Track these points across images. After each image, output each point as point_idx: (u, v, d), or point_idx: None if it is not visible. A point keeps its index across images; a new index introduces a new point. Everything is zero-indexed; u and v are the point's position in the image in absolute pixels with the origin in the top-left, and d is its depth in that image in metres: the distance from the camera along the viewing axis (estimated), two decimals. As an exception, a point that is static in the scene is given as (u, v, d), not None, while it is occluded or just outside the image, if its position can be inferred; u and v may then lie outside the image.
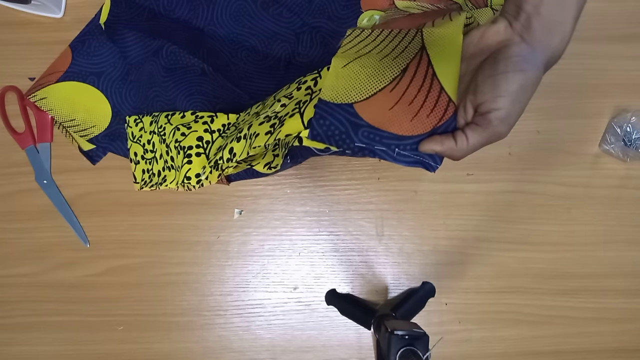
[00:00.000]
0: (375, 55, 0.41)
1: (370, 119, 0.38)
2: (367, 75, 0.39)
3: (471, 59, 0.40)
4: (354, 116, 0.38)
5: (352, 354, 0.55)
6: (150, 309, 0.55)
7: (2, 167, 0.55)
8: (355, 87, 0.39)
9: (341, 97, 0.39)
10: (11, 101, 0.55)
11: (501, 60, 0.37)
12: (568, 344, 0.55)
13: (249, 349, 0.55)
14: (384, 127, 0.38)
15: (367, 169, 0.55)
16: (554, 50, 0.37)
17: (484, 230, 0.55)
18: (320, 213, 0.55)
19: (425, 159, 0.39)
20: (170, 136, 0.51)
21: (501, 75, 0.36)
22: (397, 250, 0.55)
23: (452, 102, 0.38)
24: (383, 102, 0.38)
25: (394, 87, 0.39)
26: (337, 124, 0.38)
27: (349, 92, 0.39)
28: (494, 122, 0.37)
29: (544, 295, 0.55)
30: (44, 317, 0.55)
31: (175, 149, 0.51)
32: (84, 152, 0.55)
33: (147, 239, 0.55)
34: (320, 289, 0.55)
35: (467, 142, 0.38)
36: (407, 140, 0.38)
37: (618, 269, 0.55)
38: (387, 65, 0.39)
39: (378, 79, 0.39)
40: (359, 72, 0.40)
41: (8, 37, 0.55)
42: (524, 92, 0.36)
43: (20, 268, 0.55)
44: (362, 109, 0.38)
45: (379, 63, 0.40)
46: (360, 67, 0.40)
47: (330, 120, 0.38)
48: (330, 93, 0.39)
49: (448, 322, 0.55)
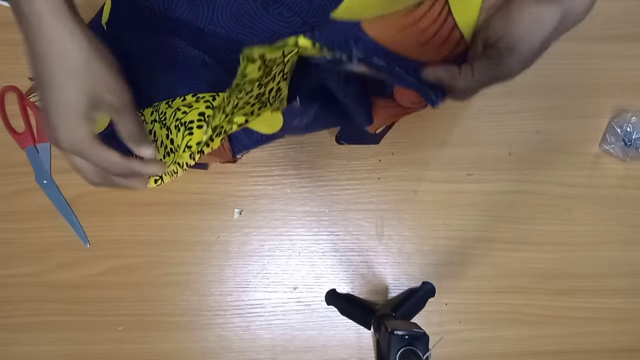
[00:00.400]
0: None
1: (376, 35, 0.37)
2: (382, 3, 0.37)
3: (491, 9, 0.38)
4: (358, 29, 0.37)
5: (352, 354, 0.55)
6: (151, 309, 0.55)
7: (2, 167, 0.55)
8: (368, 12, 0.38)
9: (350, 17, 0.37)
10: (11, 101, 0.55)
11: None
12: (568, 344, 0.55)
13: (249, 349, 0.55)
14: (389, 45, 0.37)
15: (367, 169, 0.55)
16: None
17: (484, 230, 0.55)
18: (320, 213, 0.55)
19: (426, 88, 0.36)
20: (170, 118, 0.49)
21: (514, 4, 0.35)
22: (397, 250, 0.55)
23: (464, 39, 0.37)
24: (393, 23, 0.37)
25: (407, 13, 0.37)
26: (339, 34, 0.37)
27: (359, 14, 0.37)
28: (503, 52, 0.34)
29: (544, 295, 0.55)
30: (45, 317, 0.55)
31: (175, 128, 0.49)
32: None
33: (148, 239, 0.55)
34: (320, 289, 0.55)
35: (473, 73, 0.35)
36: (410, 63, 0.36)
37: (617, 269, 0.55)
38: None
39: (392, 6, 0.37)
40: (374, 2, 0.38)
41: (8, 37, 0.55)
42: (538, 23, 0.34)
43: (22, 268, 0.55)
44: (368, 25, 0.37)
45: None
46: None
47: (332, 31, 0.37)
48: (341, 14, 0.38)
49: (448, 322, 0.55)
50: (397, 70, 0.36)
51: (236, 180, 0.55)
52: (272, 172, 0.55)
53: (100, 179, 0.41)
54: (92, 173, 0.41)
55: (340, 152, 0.55)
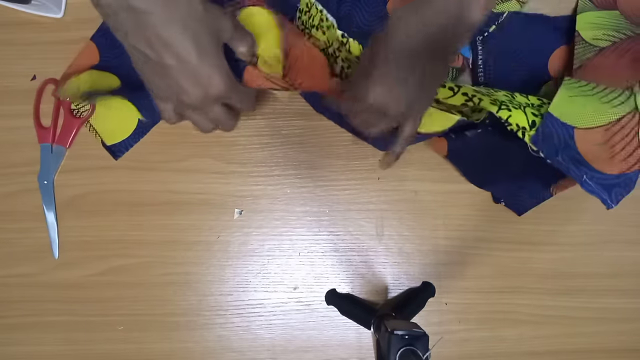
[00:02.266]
0: (598, 99, 0.47)
1: (579, 145, 0.45)
2: (591, 109, 0.46)
3: None
4: (570, 138, 0.45)
5: (352, 354, 0.55)
6: (151, 309, 0.55)
7: (2, 167, 0.55)
8: (581, 114, 0.46)
9: (566, 117, 0.45)
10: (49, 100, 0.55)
11: None
12: (568, 344, 0.55)
13: (249, 349, 0.55)
14: (585, 156, 0.45)
15: (367, 169, 0.55)
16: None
17: (484, 230, 0.55)
18: (320, 213, 0.55)
19: (603, 194, 0.44)
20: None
21: None
22: (397, 250, 0.55)
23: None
24: (594, 137, 0.45)
25: (608, 128, 0.45)
26: (555, 137, 0.45)
27: (575, 116, 0.45)
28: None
29: (544, 295, 0.55)
30: (45, 317, 0.55)
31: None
32: (108, 146, 0.55)
33: (147, 239, 0.55)
34: (320, 289, 0.55)
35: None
36: (597, 174, 0.44)
37: (618, 269, 0.55)
38: (606, 110, 0.46)
39: (599, 117, 0.46)
40: (584, 105, 0.46)
41: (8, 37, 0.55)
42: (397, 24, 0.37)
43: (21, 268, 0.55)
44: (579, 135, 0.45)
45: (600, 105, 0.46)
46: (585, 101, 0.46)
47: (551, 130, 0.45)
48: (558, 110, 0.45)
49: (448, 322, 0.55)
50: (585, 179, 0.44)
51: (236, 180, 0.55)
52: (272, 172, 0.55)
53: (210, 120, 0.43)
54: (205, 121, 0.43)
55: (340, 152, 0.55)
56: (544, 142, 0.44)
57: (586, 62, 0.51)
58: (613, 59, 0.50)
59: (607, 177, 0.44)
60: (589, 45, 0.51)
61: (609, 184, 0.44)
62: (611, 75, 0.50)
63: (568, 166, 0.44)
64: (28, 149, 0.55)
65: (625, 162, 0.44)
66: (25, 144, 0.55)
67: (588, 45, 0.51)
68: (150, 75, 0.38)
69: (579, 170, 0.44)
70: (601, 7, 0.53)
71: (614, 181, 0.44)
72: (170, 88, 0.37)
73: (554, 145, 0.44)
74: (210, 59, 0.37)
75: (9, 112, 0.55)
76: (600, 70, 0.50)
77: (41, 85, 0.54)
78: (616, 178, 0.44)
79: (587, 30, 0.51)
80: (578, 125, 0.45)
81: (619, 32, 0.51)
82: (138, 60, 0.37)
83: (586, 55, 0.51)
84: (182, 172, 0.55)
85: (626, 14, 0.52)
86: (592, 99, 0.47)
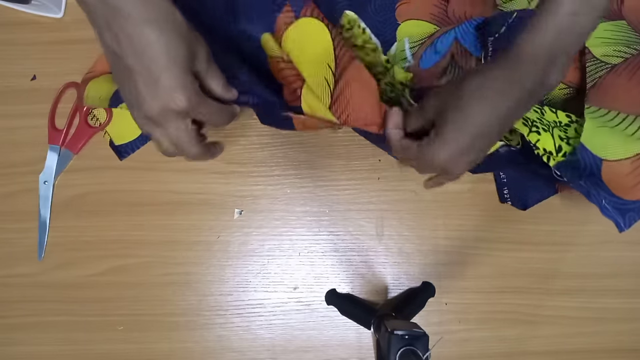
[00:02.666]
0: (623, 130, 0.48)
1: (604, 175, 0.46)
2: (618, 142, 0.47)
3: None
4: (597, 168, 0.46)
5: (352, 354, 0.55)
6: (151, 309, 0.55)
7: (2, 167, 0.55)
8: (607, 146, 0.47)
9: (595, 149, 0.46)
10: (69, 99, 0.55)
11: None
12: (568, 344, 0.55)
13: (249, 349, 0.55)
14: (608, 184, 0.46)
15: (367, 169, 0.55)
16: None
17: (484, 230, 0.55)
18: (320, 213, 0.55)
19: (618, 218, 0.45)
20: None
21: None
22: (397, 250, 0.55)
23: None
24: (621, 169, 0.46)
25: (634, 160, 0.46)
26: (582, 165, 0.46)
27: (604, 148, 0.46)
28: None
29: (544, 295, 0.55)
30: (44, 317, 0.55)
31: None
32: (115, 146, 0.55)
33: (148, 239, 0.55)
34: (320, 289, 0.55)
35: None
36: (615, 199, 0.46)
37: (617, 269, 0.55)
38: (633, 142, 0.47)
39: (626, 149, 0.47)
40: (610, 137, 0.47)
41: (8, 37, 0.55)
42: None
43: (21, 268, 0.55)
44: (606, 166, 0.46)
45: (626, 137, 0.47)
46: (610, 134, 0.47)
47: (579, 158, 0.46)
48: (588, 142, 0.46)
49: (448, 322, 0.55)
50: (604, 204, 0.45)
51: (236, 180, 0.55)
52: (272, 172, 0.55)
53: (195, 142, 0.38)
54: (188, 140, 0.38)
55: (340, 152, 0.55)
56: (568, 169, 0.45)
57: (600, 81, 0.50)
58: (625, 77, 0.50)
59: (625, 202, 0.45)
60: (599, 62, 0.51)
61: (626, 208, 0.45)
62: (625, 95, 0.50)
63: (589, 190, 0.45)
64: (28, 149, 0.55)
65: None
66: (25, 144, 0.55)
67: (599, 63, 0.51)
68: (117, 78, 0.35)
69: (598, 194, 0.45)
70: (607, 18, 0.52)
71: (630, 206, 0.45)
72: (131, 94, 0.35)
73: (578, 172, 0.45)
74: (178, 71, 0.33)
75: (9, 112, 0.55)
76: (614, 90, 0.50)
77: (62, 88, 0.54)
78: (632, 203, 0.45)
79: (597, 47, 0.51)
80: (607, 157, 0.46)
81: (630, 47, 0.51)
82: (110, 60, 0.35)
83: (598, 73, 0.50)
84: (182, 172, 0.55)
85: (633, 24, 0.52)
86: (616, 131, 0.48)
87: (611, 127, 0.48)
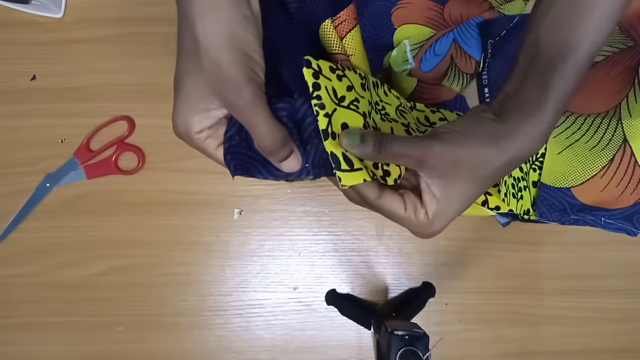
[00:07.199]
0: (584, 145, 0.47)
1: (585, 199, 0.47)
2: (579, 163, 0.47)
3: None
4: (571, 198, 0.46)
5: (352, 354, 0.55)
6: (151, 309, 0.55)
7: (2, 167, 0.55)
8: (571, 173, 0.47)
9: (559, 181, 0.47)
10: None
11: None
12: (568, 344, 0.55)
13: (249, 349, 0.55)
14: (595, 204, 0.46)
15: (367, 169, 0.55)
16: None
17: (484, 230, 0.55)
18: (320, 213, 0.55)
19: (626, 226, 0.46)
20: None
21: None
22: (397, 250, 0.55)
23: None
24: (595, 186, 0.46)
25: (604, 174, 0.46)
26: (558, 204, 0.46)
27: (565, 177, 0.47)
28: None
29: (544, 295, 0.55)
30: (44, 317, 0.55)
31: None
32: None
33: (147, 239, 0.55)
34: (320, 289, 0.55)
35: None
36: (613, 212, 0.46)
37: (618, 269, 0.55)
38: (596, 156, 0.46)
39: (590, 168, 0.47)
40: (572, 160, 0.47)
41: (8, 37, 0.55)
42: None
43: (21, 268, 0.55)
44: (578, 192, 0.46)
45: (588, 153, 0.47)
46: (573, 155, 0.47)
47: (552, 201, 0.46)
48: (549, 177, 0.47)
49: (448, 322, 0.55)
50: (604, 221, 0.46)
51: (236, 180, 0.55)
52: (272, 172, 0.55)
53: None
54: None
55: (340, 152, 0.55)
56: (550, 213, 0.46)
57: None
58: (604, 71, 0.50)
59: (624, 210, 0.46)
60: None
61: (628, 214, 0.45)
62: (602, 88, 0.50)
63: (585, 219, 0.45)
64: (28, 149, 0.55)
65: (636, 193, 0.46)
66: (25, 144, 0.55)
67: None
68: None
69: (595, 217, 0.45)
70: None
71: (632, 210, 0.45)
72: None
73: (559, 210, 0.46)
74: (187, 97, 0.33)
75: (9, 112, 0.55)
76: (591, 84, 0.50)
77: (114, 118, 0.54)
78: (632, 207, 0.45)
79: None
80: (573, 184, 0.47)
81: (612, 47, 0.51)
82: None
83: None
84: (182, 172, 0.55)
85: (620, 23, 0.52)
86: (579, 148, 0.47)
87: (574, 144, 0.48)
